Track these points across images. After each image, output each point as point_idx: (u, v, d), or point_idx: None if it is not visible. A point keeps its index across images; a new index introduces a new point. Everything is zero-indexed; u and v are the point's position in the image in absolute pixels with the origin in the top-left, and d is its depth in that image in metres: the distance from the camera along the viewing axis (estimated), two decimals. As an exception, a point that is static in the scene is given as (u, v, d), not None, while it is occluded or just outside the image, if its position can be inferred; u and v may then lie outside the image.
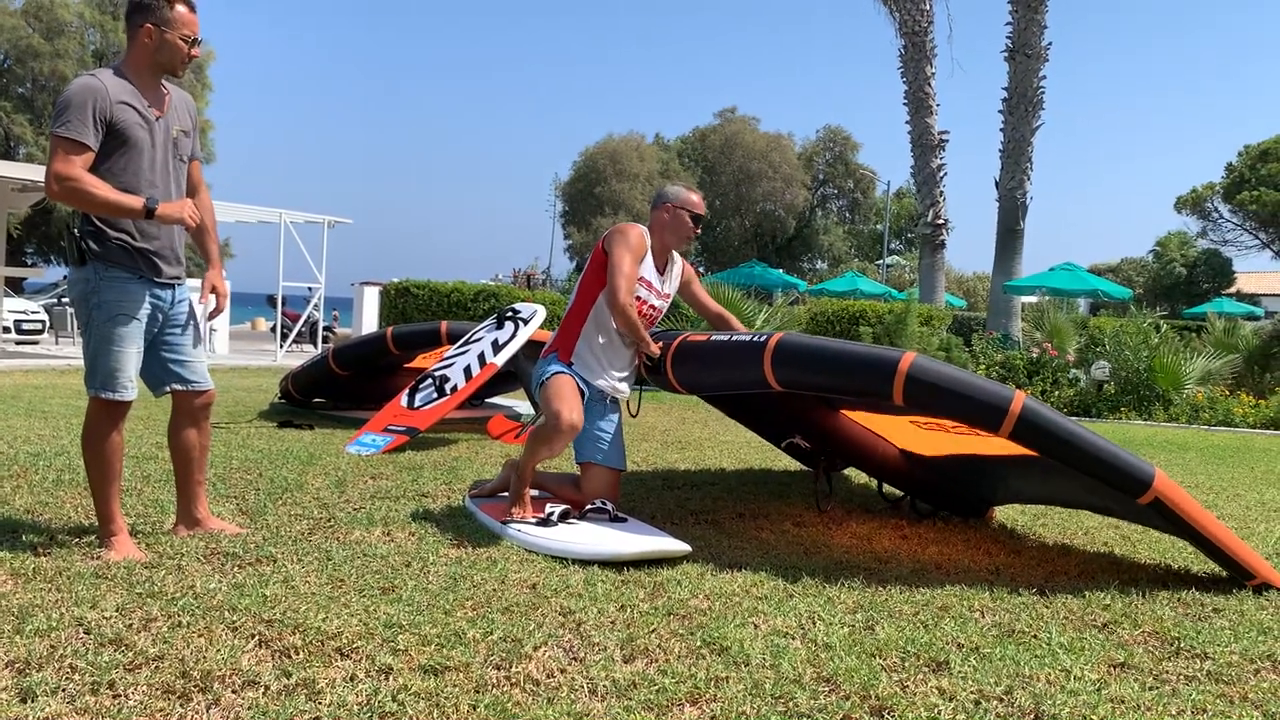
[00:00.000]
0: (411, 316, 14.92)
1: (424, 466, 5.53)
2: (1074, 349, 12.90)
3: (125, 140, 3.29)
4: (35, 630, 2.56)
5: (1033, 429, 3.37)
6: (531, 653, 2.61)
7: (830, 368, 3.66)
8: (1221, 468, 7.25)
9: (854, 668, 2.61)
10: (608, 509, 4.07)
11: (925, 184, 21.47)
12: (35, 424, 6.42)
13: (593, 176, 43.67)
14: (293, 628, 2.68)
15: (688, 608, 3.09)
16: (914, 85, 21.25)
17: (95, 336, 3.35)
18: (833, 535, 4.33)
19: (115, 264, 3.34)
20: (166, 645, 2.51)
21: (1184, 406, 11.16)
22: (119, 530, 3.41)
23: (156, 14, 3.34)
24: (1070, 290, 20.55)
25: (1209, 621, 3.21)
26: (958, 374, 3.48)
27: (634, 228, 4.26)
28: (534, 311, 6.88)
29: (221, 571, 3.21)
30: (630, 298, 4.14)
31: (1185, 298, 38.24)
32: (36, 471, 4.72)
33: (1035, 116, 19.15)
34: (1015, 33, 19.24)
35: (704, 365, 4.10)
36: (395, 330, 7.59)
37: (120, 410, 3.39)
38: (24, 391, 8.57)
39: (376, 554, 3.52)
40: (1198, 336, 14.61)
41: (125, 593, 2.91)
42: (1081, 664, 2.74)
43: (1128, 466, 3.37)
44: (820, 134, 49.41)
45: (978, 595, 3.39)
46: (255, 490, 4.57)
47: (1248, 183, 40.08)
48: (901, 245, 50.05)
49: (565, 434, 3.98)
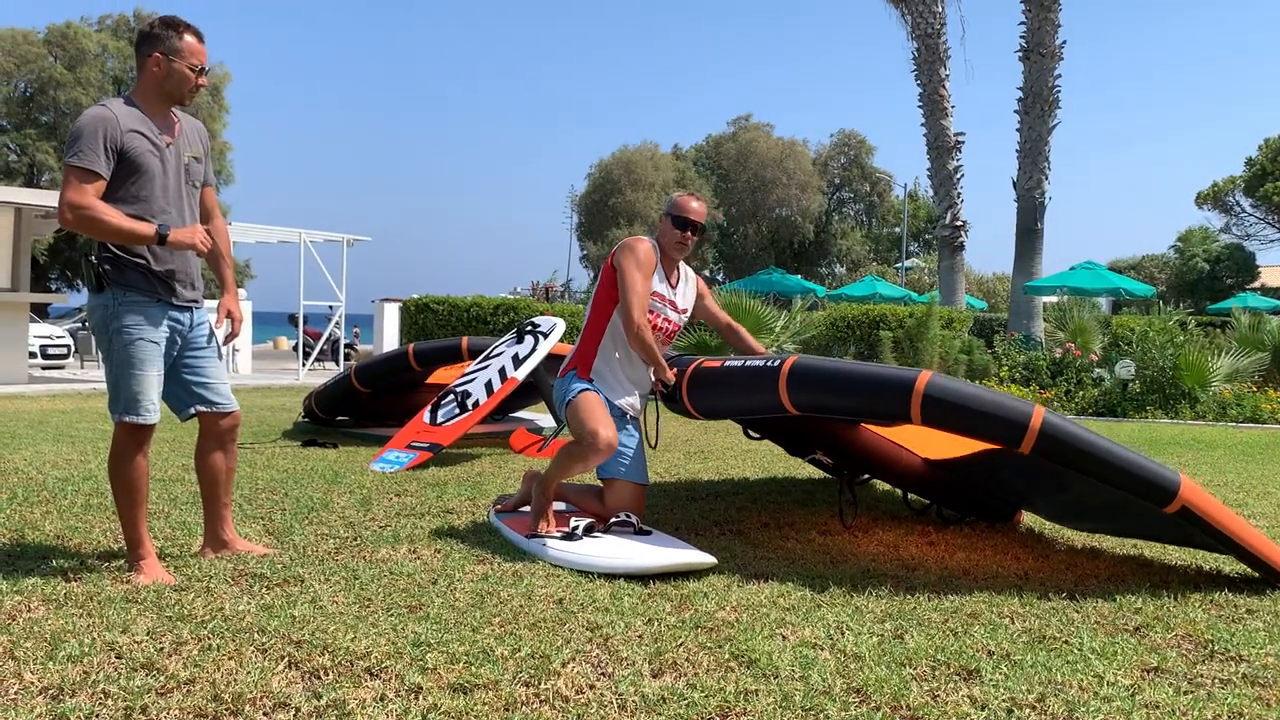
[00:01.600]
0: (432, 332, 15.00)
1: (448, 482, 5.55)
2: (1098, 348, 12.80)
3: (137, 168, 3.33)
4: (68, 656, 2.58)
5: (1054, 443, 3.33)
6: (560, 669, 2.61)
7: (846, 391, 3.63)
8: (1251, 465, 7.18)
9: (884, 678, 2.59)
10: (632, 521, 4.06)
11: (942, 186, 21.40)
12: (63, 449, 6.48)
13: (608, 188, 43.75)
14: (322, 648, 2.69)
15: (715, 620, 3.08)
16: (928, 88, 21.20)
17: (116, 361, 3.38)
18: (859, 543, 4.31)
19: (133, 289, 3.37)
20: (197, 669, 2.53)
21: (1210, 404, 11.05)
22: (148, 554, 3.44)
23: (165, 44, 3.39)
24: (1092, 289, 20.38)
25: (1243, 623, 3.17)
26: (976, 391, 3.44)
27: (642, 241, 4.25)
28: (553, 325, 6.90)
29: (250, 593, 3.23)
30: (644, 318, 4.12)
31: (1209, 293, 37.89)
32: (65, 497, 4.76)
33: (1051, 115, 19.04)
34: (1029, 32, 19.16)
35: (720, 392, 4.07)
36: (417, 347, 7.63)
37: (145, 434, 3.42)
38: (51, 416, 8.66)
39: (403, 572, 3.53)
40: (1222, 333, 14.48)
41: (155, 616, 2.93)
42: (1114, 669, 2.71)
43: (1153, 476, 3.33)
44: (835, 138, 49.43)
45: (1007, 601, 3.36)
46: (281, 510, 4.60)
47: (1270, 175, 39.74)
48: (920, 248, 49.89)
49: (603, 453, 3.96)
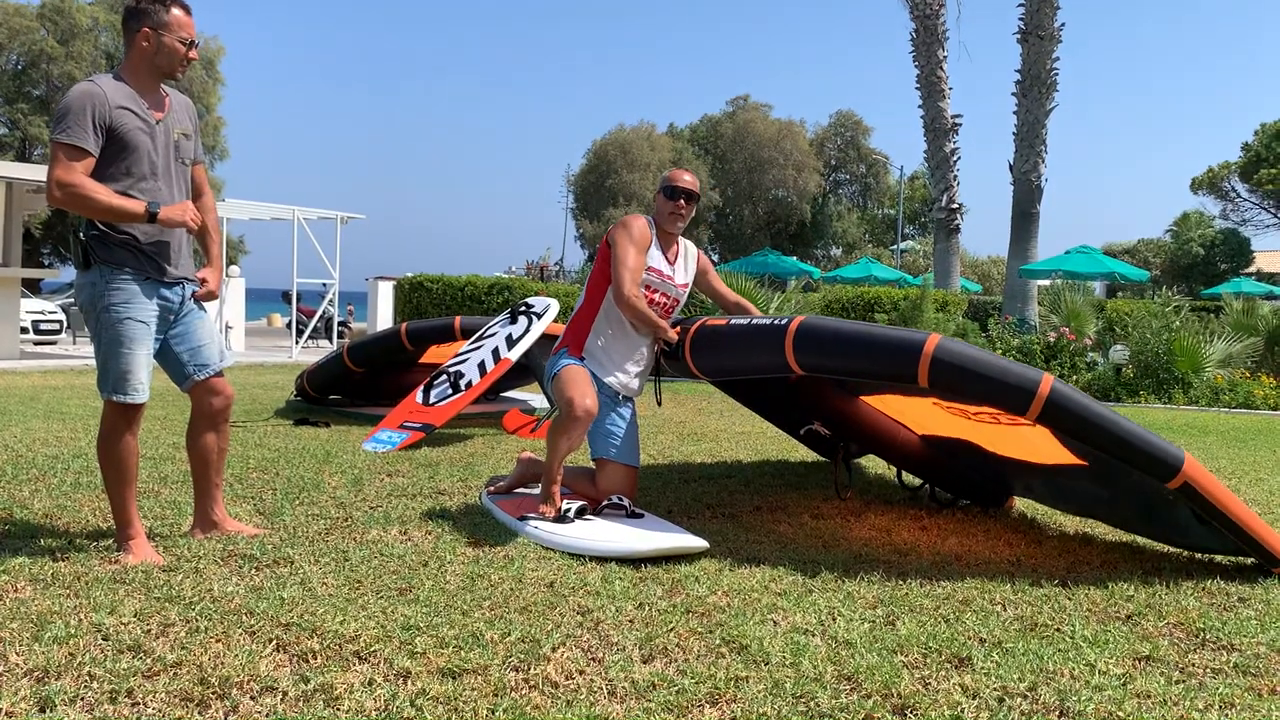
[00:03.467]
0: (426, 310, 14.94)
1: (440, 463, 5.53)
2: (1093, 332, 12.80)
3: (126, 145, 3.29)
4: (54, 638, 2.56)
5: (1061, 411, 3.30)
6: (550, 654, 2.60)
7: (853, 351, 3.58)
8: (1243, 450, 7.18)
9: (875, 665, 2.58)
10: (624, 505, 4.05)
11: (939, 168, 21.34)
12: (53, 426, 6.44)
13: (604, 168, 43.55)
14: (310, 631, 2.67)
15: (706, 605, 3.07)
16: (926, 69, 21.11)
17: (105, 340, 3.34)
18: (851, 528, 4.30)
19: (121, 267, 3.33)
20: (184, 651, 2.51)
21: (1204, 389, 11.06)
22: (136, 534, 3.41)
23: (153, 18, 3.34)
24: (1087, 273, 20.37)
25: (1235, 611, 3.17)
26: (984, 356, 3.40)
27: (637, 218, 4.25)
28: (547, 305, 6.86)
29: (239, 574, 3.21)
30: (635, 289, 4.12)
31: (1203, 278, 37.89)
32: (54, 474, 4.73)
33: (1049, 99, 18.94)
34: (1027, 14, 19.04)
35: (724, 350, 4.03)
36: (410, 326, 7.58)
37: (134, 413, 3.39)
38: (42, 393, 8.61)
39: (394, 554, 3.51)
40: (1215, 317, 14.48)
41: (143, 598, 2.91)
42: (1106, 658, 2.71)
43: (1157, 450, 3.31)
44: (832, 119, 49.20)
45: (999, 588, 3.35)
46: (272, 490, 4.57)
47: (1265, 161, 39.69)
48: (915, 230, 49.81)
49: (581, 420, 3.95)
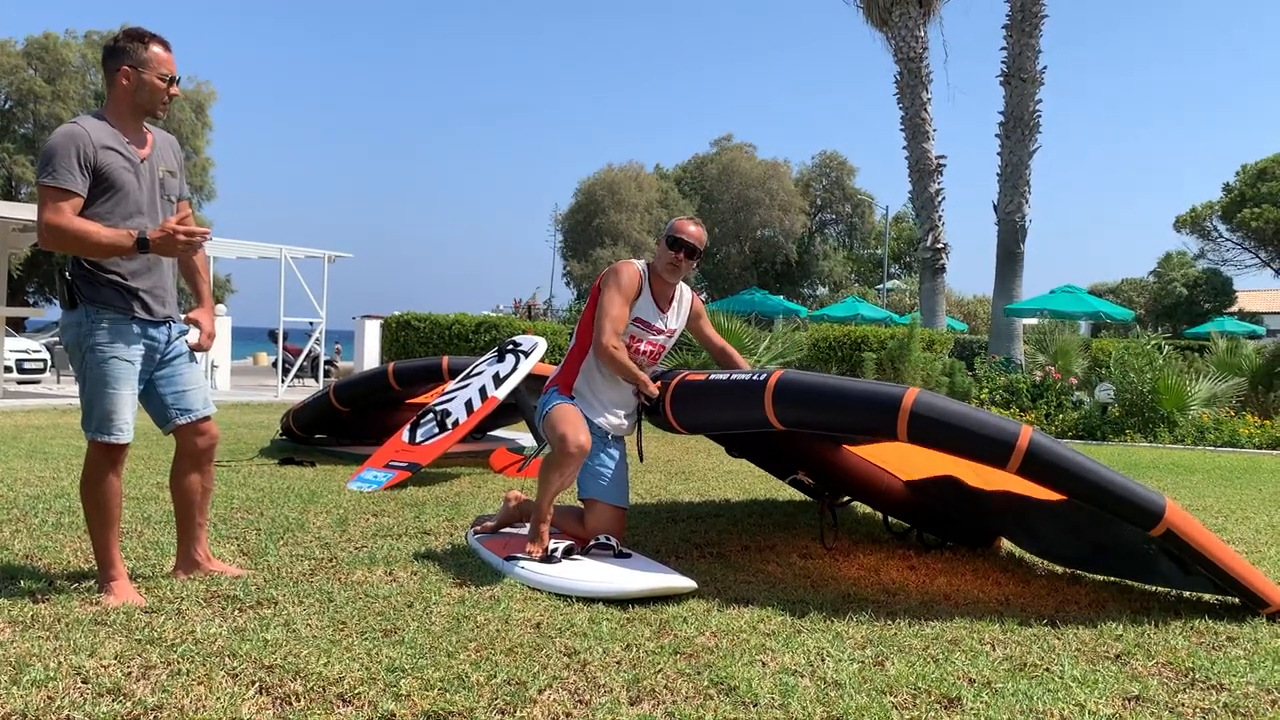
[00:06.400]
0: (413, 349, 14.91)
1: (426, 503, 5.49)
2: (1078, 371, 12.86)
3: (112, 184, 3.29)
4: (33, 681, 2.52)
5: (1041, 463, 3.32)
6: (536, 696, 2.57)
7: (833, 406, 3.61)
8: (1229, 489, 7.20)
9: (864, 706, 2.56)
10: (612, 545, 4.03)
11: (924, 208, 21.51)
12: (35, 466, 6.39)
13: (591, 208, 43.74)
14: (294, 673, 2.64)
15: (694, 646, 3.05)
16: (911, 111, 21.34)
17: (90, 379, 3.32)
18: (840, 567, 4.29)
19: (107, 306, 3.32)
20: (165, 694, 2.47)
21: (1189, 428, 11.11)
22: (119, 575, 3.37)
23: (132, 56, 3.36)
24: (1072, 312, 20.53)
25: (1224, 651, 3.17)
26: (962, 410, 3.42)
27: (629, 265, 4.26)
28: (535, 344, 6.87)
29: (222, 615, 3.17)
30: (614, 340, 4.12)
31: (1187, 317, 38.18)
32: (36, 515, 4.68)
33: (1032, 140, 19.18)
34: (1010, 57, 19.32)
35: (704, 405, 4.04)
36: (397, 366, 7.57)
37: (118, 453, 3.36)
38: (25, 432, 8.55)
39: (379, 594, 3.48)
40: (1200, 356, 14.58)
41: (124, 640, 2.88)
42: (1095, 698, 2.70)
43: (1138, 499, 3.32)
44: (817, 159, 49.63)
45: (988, 627, 3.34)
46: (256, 530, 4.53)
47: (1247, 201, 40.18)
48: (901, 270, 50.11)
49: (575, 456, 3.94)
